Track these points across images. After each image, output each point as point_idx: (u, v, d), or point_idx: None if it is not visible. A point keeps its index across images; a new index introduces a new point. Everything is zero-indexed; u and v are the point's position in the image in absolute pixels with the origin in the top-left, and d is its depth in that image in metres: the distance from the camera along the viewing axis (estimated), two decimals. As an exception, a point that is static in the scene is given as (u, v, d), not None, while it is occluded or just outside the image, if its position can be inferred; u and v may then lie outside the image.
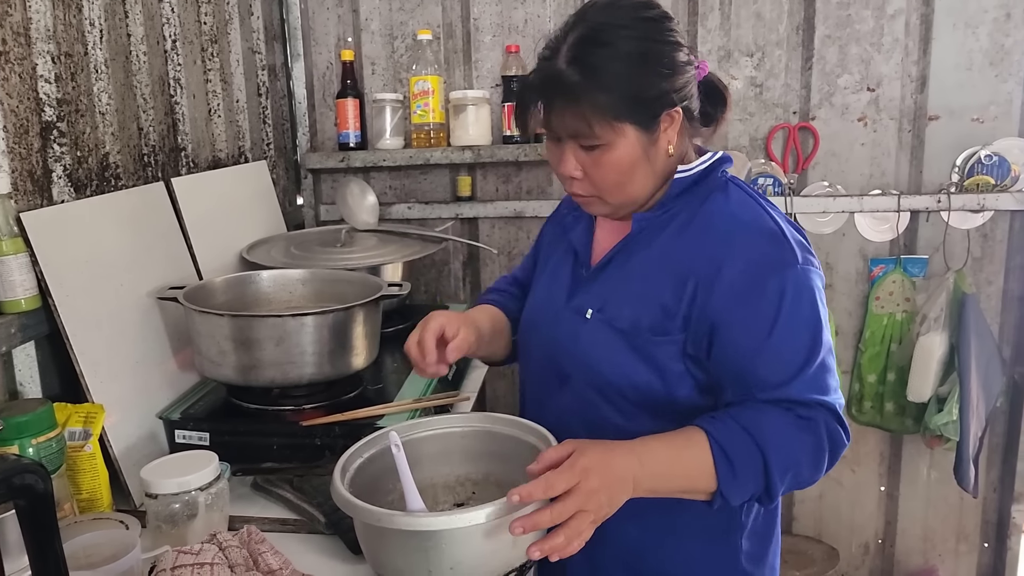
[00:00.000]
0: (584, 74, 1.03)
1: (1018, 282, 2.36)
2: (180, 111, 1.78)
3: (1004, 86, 2.25)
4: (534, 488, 0.90)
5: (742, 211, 1.11)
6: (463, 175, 2.45)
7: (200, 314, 1.39)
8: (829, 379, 1.06)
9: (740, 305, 1.04)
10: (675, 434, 1.03)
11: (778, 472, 1.00)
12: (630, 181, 1.10)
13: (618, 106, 1.04)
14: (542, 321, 1.25)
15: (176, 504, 1.11)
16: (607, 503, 0.95)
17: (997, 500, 2.51)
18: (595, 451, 0.96)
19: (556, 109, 1.06)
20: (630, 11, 1.07)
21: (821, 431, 1.03)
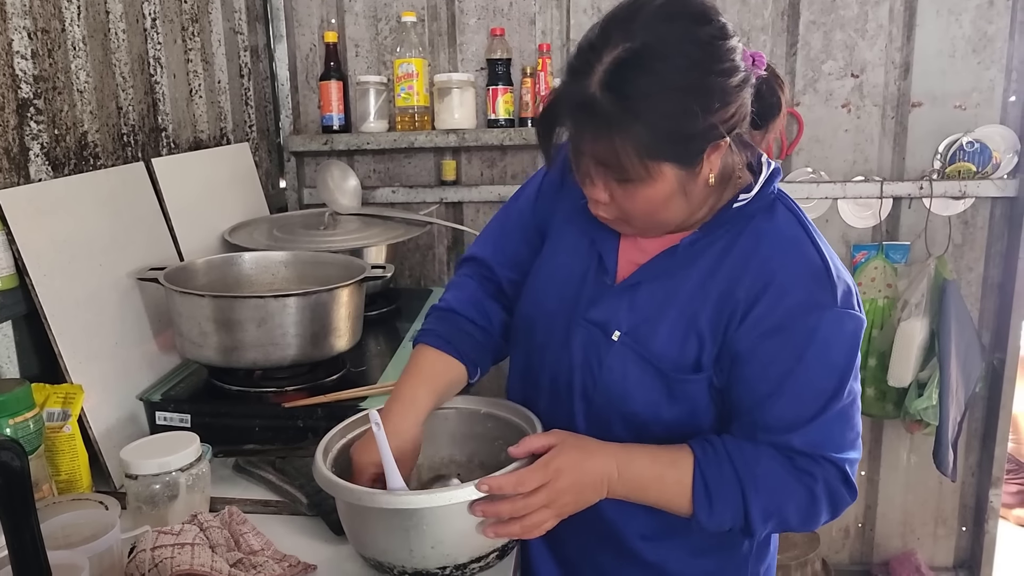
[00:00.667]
0: (621, 105, 0.90)
1: (998, 269, 2.38)
2: (160, 91, 1.75)
3: (986, 73, 2.27)
4: (504, 482, 0.91)
5: (788, 240, 1.02)
6: (448, 159, 2.44)
7: (181, 295, 1.37)
8: (845, 432, 0.99)
9: (765, 340, 0.98)
10: (664, 451, 1.01)
11: (758, 516, 0.97)
12: (663, 213, 1.01)
13: (657, 145, 0.92)
14: (553, 326, 1.14)
15: (157, 485, 1.10)
16: (573, 503, 0.95)
17: (975, 484, 2.54)
18: (572, 452, 0.95)
19: (586, 138, 0.96)
20: (684, 28, 0.91)
21: (818, 487, 0.98)
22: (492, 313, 1.26)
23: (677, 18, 0.92)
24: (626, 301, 1.08)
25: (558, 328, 1.14)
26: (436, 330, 1.20)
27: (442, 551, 0.95)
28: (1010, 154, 2.28)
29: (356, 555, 1.07)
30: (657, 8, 0.92)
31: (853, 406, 1.00)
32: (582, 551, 1.20)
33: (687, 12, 0.93)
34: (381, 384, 1.44)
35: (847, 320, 0.98)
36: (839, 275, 1.00)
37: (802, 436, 0.98)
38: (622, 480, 0.97)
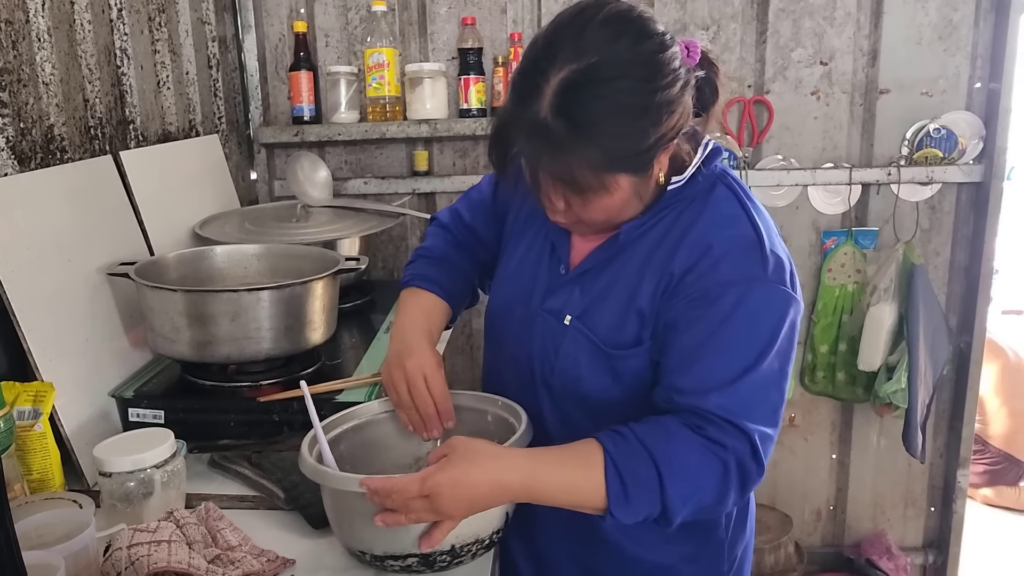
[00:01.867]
0: (573, 130, 0.93)
1: (964, 253, 2.42)
2: (127, 82, 1.73)
3: (952, 60, 2.30)
4: (380, 486, 0.91)
5: (724, 215, 1.05)
6: (420, 149, 2.43)
7: (153, 290, 1.36)
8: (759, 404, 0.99)
9: (692, 307, 1.01)
10: (572, 451, 0.99)
11: (677, 500, 0.95)
12: (619, 216, 1.06)
13: (611, 161, 0.96)
14: (516, 318, 1.20)
15: (131, 482, 1.09)
16: (464, 510, 0.94)
17: (943, 465, 2.59)
18: (457, 467, 0.93)
19: (541, 160, 0.98)
20: (628, 46, 0.93)
21: (730, 459, 0.96)
22: (467, 258, 1.33)
23: (621, 36, 0.94)
24: (577, 288, 1.13)
25: (519, 321, 1.18)
26: (425, 273, 1.27)
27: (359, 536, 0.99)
28: (975, 140, 2.32)
29: (335, 548, 1.07)
30: (600, 24, 0.94)
31: (773, 382, 1.00)
32: (558, 542, 1.21)
33: (630, 28, 0.95)
34: (357, 377, 1.44)
35: (775, 294, 1.00)
36: (773, 249, 1.02)
37: (716, 399, 0.96)
38: (526, 490, 0.95)
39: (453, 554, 0.99)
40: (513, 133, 0.99)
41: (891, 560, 2.52)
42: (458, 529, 0.96)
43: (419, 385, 1.12)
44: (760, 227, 1.03)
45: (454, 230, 1.36)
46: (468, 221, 1.35)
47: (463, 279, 1.32)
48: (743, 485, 0.98)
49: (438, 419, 1.14)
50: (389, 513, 0.93)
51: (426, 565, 0.99)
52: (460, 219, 1.36)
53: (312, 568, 1.05)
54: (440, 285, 1.26)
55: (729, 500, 0.98)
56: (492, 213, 1.33)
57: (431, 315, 1.23)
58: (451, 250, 1.33)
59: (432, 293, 1.25)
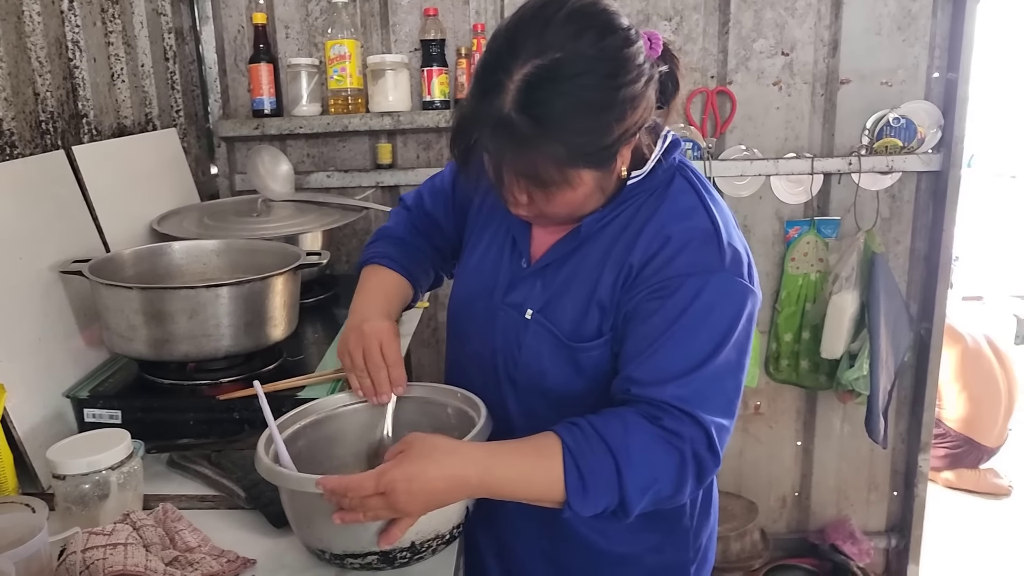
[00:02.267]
0: (537, 124, 0.92)
1: (924, 241, 2.46)
2: (80, 75, 1.69)
3: (911, 50, 2.33)
4: (336, 484, 0.90)
5: (682, 208, 1.06)
6: (383, 142, 2.40)
7: (107, 287, 1.33)
8: (715, 395, 0.99)
9: (650, 299, 1.01)
10: (529, 445, 0.98)
11: (635, 491, 0.94)
12: (582, 210, 1.06)
13: (575, 157, 0.96)
14: (479, 313, 1.19)
15: (86, 484, 1.07)
16: (420, 509, 0.93)
17: (905, 451, 2.63)
18: (414, 463, 0.92)
19: (504, 155, 0.97)
20: (591, 42, 0.93)
21: (686, 449, 0.96)
22: (427, 241, 1.35)
23: (585, 31, 0.93)
24: (539, 281, 1.13)
25: (482, 315, 1.18)
26: (386, 252, 1.29)
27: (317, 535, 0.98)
28: (934, 129, 2.35)
29: (296, 547, 1.06)
30: (564, 19, 0.93)
31: (729, 373, 1.00)
32: (524, 535, 1.21)
33: (594, 23, 0.94)
34: (320, 373, 1.42)
35: (733, 285, 1.01)
36: (730, 242, 1.02)
37: (673, 390, 0.97)
38: (483, 485, 0.95)
39: (413, 550, 0.98)
40: (475, 128, 0.97)
41: (855, 544, 2.56)
42: (417, 525, 0.95)
43: (373, 349, 1.13)
44: (717, 219, 1.04)
45: (415, 213, 1.36)
46: (428, 208, 1.35)
47: (423, 260, 1.33)
48: (700, 475, 0.98)
49: (388, 383, 1.14)
50: (346, 511, 0.92)
51: (386, 562, 0.98)
52: (422, 204, 1.36)
53: (273, 568, 1.04)
54: (400, 264, 1.28)
55: (686, 490, 0.99)
56: (452, 203, 1.33)
57: (390, 292, 1.25)
58: (411, 232, 1.34)
59: (392, 270, 1.27)
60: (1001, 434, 3.35)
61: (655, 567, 1.19)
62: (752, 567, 2.48)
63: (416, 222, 1.36)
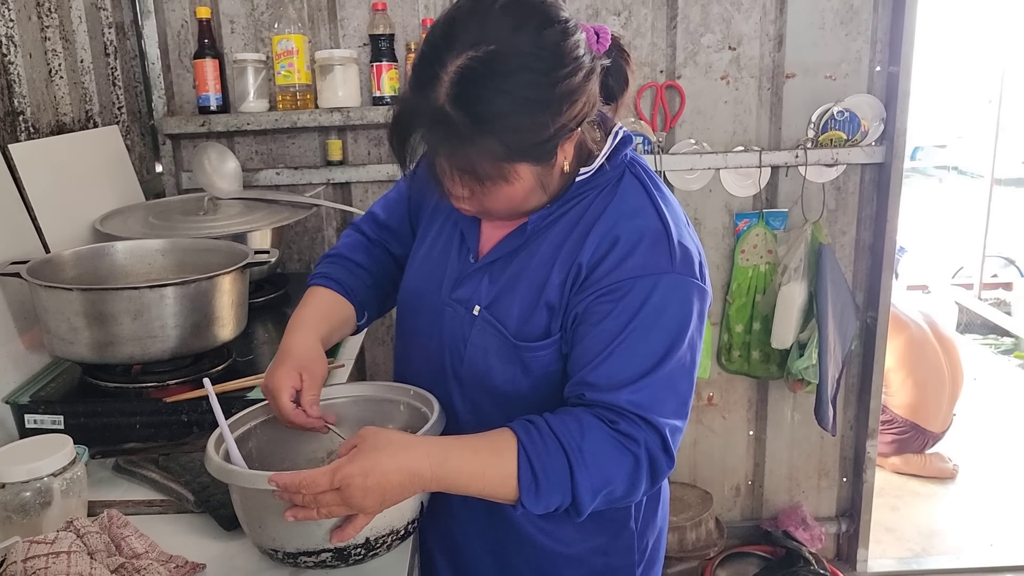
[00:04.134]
0: (473, 120, 0.91)
1: (869, 232, 2.51)
2: (15, 71, 1.64)
3: (853, 44, 2.37)
4: (289, 481, 0.89)
5: (631, 207, 1.05)
6: (333, 138, 2.38)
7: (46, 289, 1.29)
8: (669, 398, 0.99)
9: (601, 301, 1.00)
10: (484, 440, 0.98)
11: (587, 492, 0.95)
12: (523, 205, 1.04)
13: (512, 152, 0.94)
14: (426, 309, 1.18)
15: (27, 492, 1.04)
16: (376, 502, 0.92)
17: (853, 437, 2.69)
18: (368, 457, 0.90)
19: (440, 150, 0.96)
20: (528, 35, 0.91)
21: (641, 453, 0.96)
22: (381, 260, 1.32)
23: (522, 24, 0.91)
24: (486, 277, 1.11)
25: (429, 311, 1.17)
26: (327, 272, 1.25)
27: (269, 534, 0.96)
28: (877, 122, 2.40)
29: (247, 549, 1.05)
30: (501, 10, 0.92)
31: (682, 374, 1.00)
32: (473, 534, 1.21)
33: (532, 15, 0.92)
34: (269, 373, 1.40)
35: (684, 285, 1.01)
36: (681, 241, 1.02)
37: (627, 395, 0.97)
38: (436, 478, 0.94)
39: (368, 547, 0.97)
40: (412, 121, 0.96)
41: (807, 530, 2.62)
42: (372, 521, 0.94)
43: (283, 401, 1.06)
44: (667, 217, 1.04)
45: (367, 230, 1.34)
46: (383, 219, 1.33)
47: (369, 277, 1.29)
48: (654, 477, 0.99)
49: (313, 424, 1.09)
50: (300, 508, 0.90)
51: (340, 559, 0.97)
52: (375, 219, 1.34)
53: (224, 571, 1.02)
54: (339, 282, 1.24)
55: (640, 491, 0.99)
56: (407, 208, 1.31)
57: (326, 313, 1.21)
58: (359, 250, 1.31)
59: (331, 290, 1.23)
60: (946, 419, 3.44)
61: (600, 568, 1.19)
62: (708, 556, 2.52)
63: (369, 236, 1.33)
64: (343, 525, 0.93)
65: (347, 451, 0.94)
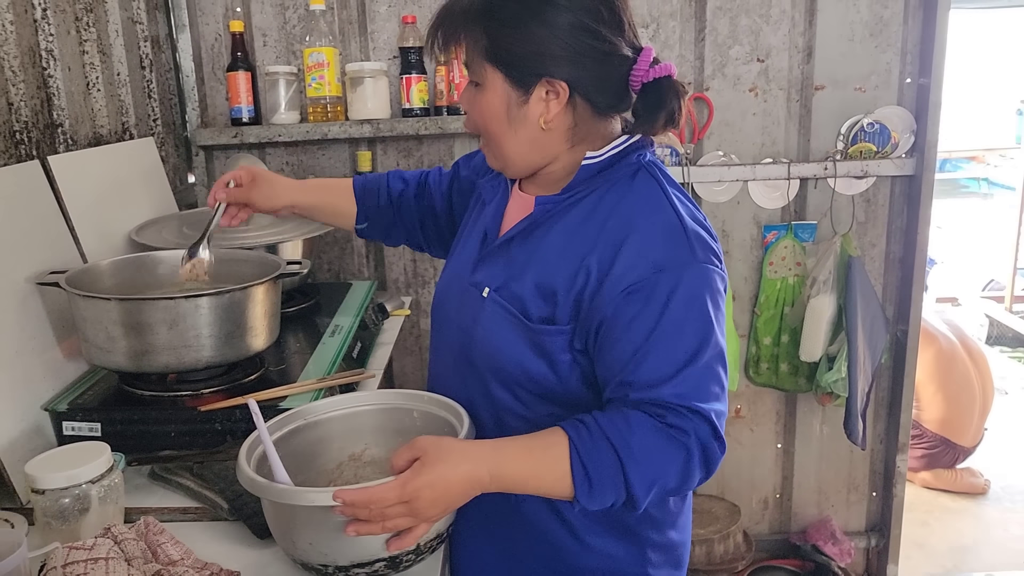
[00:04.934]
0: (472, 5, 1.05)
1: (899, 244, 2.49)
2: (54, 84, 1.67)
3: (883, 56, 2.36)
4: (357, 497, 0.90)
5: (644, 201, 1.07)
6: (362, 150, 2.40)
7: (85, 299, 1.31)
8: (711, 385, 1.01)
9: (627, 300, 1.01)
10: (537, 440, 1.00)
11: (640, 486, 0.97)
12: (497, 134, 1.11)
13: (492, 49, 1.05)
14: (450, 298, 1.23)
15: (66, 499, 1.05)
16: (439, 512, 0.95)
17: (883, 451, 2.66)
18: (434, 469, 0.93)
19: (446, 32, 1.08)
20: None
21: (692, 443, 0.98)
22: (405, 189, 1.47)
23: None
24: (501, 260, 1.15)
25: (452, 298, 1.22)
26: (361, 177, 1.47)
27: (320, 549, 0.96)
28: (907, 134, 2.38)
29: (282, 558, 1.05)
30: None
31: (717, 358, 1.02)
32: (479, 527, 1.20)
33: None
34: (302, 382, 1.41)
35: (706, 273, 1.02)
36: (695, 231, 1.05)
37: (671, 389, 0.98)
38: (495, 481, 0.97)
39: (418, 552, 0.99)
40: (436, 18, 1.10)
41: (836, 545, 2.59)
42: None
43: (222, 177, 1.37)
44: (680, 209, 1.06)
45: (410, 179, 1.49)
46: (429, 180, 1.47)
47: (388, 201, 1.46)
48: (708, 464, 1.00)
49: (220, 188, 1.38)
50: (362, 523, 0.91)
51: (392, 567, 0.98)
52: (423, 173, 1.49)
53: (258, 579, 1.03)
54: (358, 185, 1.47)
55: (695, 480, 1.01)
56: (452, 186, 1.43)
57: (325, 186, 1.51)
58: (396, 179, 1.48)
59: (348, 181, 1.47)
60: (977, 434, 3.39)
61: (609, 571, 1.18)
62: (736, 569, 2.50)
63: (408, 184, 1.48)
64: (403, 534, 0.94)
65: (404, 463, 0.95)
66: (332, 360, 1.55)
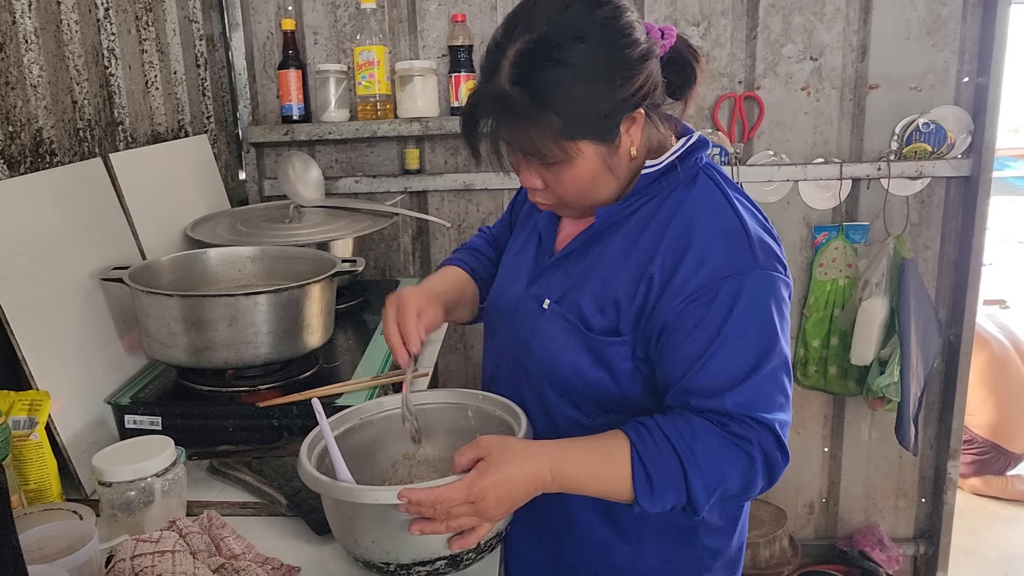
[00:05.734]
0: (531, 96, 0.95)
1: (953, 247, 2.44)
2: (116, 83, 1.70)
3: (940, 55, 2.31)
4: (423, 497, 0.90)
5: (705, 207, 1.05)
6: (411, 147, 2.41)
7: (148, 295, 1.34)
8: (774, 394, 0.99)
9: (689, 307, 1.00)
10: (598, 442, 1.00)
11: (701, 492, 0.96)
12: (594, 191, 1.06)
13: (572, 127, 0.98)
14: (505, 306, 1.22)
15: (132, 491, 1.07)
16: (503, 511, 0.96)
17: (934, 457, 2.61)
18: (499, 469, 0.93)
19: (502, 132, 1.01)
20: (578, 12, 0.96)
21: (755, 451, 0.97)
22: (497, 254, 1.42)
23: (572, 5, 0.97)
24: (558, 273, 1.15)
25: (507, 309, 1.22)
26: (461, 258, 1.38)
27: (383, 547, 0.96)
28: (964, 134, 2.33)
29: (340, 554, 1.06)
30: None
31: (781, 367, 1.00)
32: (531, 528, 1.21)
33: None
34: (356, 380, 1.43)
35: (769, 280, 1.00)
36: (759, 236, 1.02)
37: (733, 398, 0.97)
38: (556, 481, 0.97)
39: (478, 550, 0.99)
40: (479, 109, 1.01)
41: (883, 551, 2.55)
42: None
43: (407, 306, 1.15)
44: (743, 214, 1.04)
45: (487, 234, 1.47)
46: (495, 231, 1.46)
47: (493, 268, 1.40)
48: (770, 473, 1.00)
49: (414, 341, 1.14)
50: (427, 522, 0.92)
51: (452, 565, 0.98)
52: (490, 229, 1.48)
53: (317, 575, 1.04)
54: (469, 265, 1.36)
55: (757, 488, 1.00)
56: (509, 222, 1.41)
57: (450, 281, 1.30)
58: (484, 245, 1.44)
59: (460, 268, 1.35)
60: (1029, 440, 3.32)
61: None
62: (781, 574, 2.47)
63: (488, 240, 1.45)
64: (465, 533, 0.95)
65: (468, 462, 0.95)
66: (384, 358, 1.56)
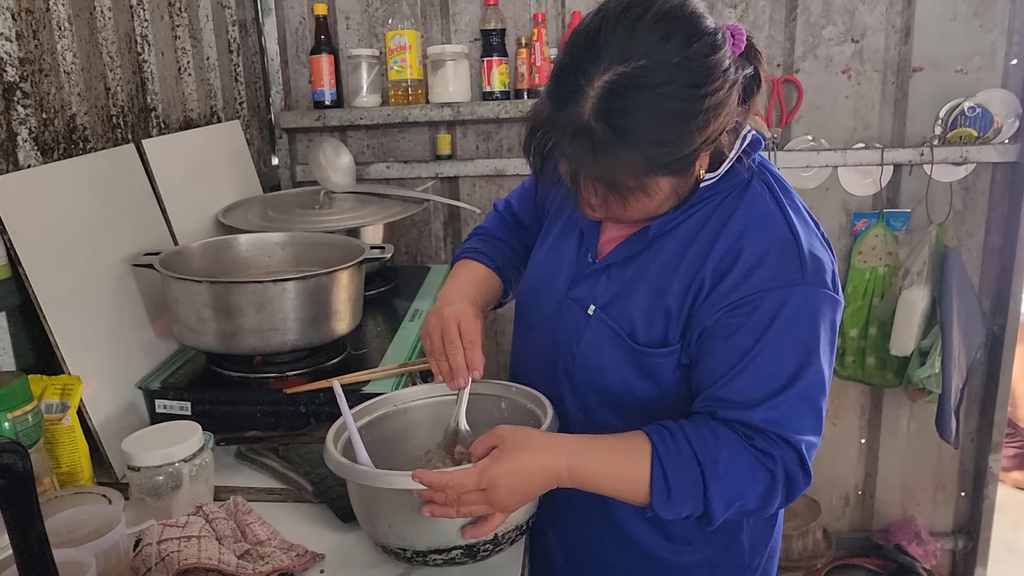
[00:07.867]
0: (616, 135, 0.89)
1: (998, 235, 2.37)
2: (148, 69, 1.71)
3: (988, 36, 2.23)
4: (435, 480, 0.89)
5: (758, 217, 1.01)
6: (442, 133, 2.40)
7: (178, 281, 1.34)
8: (805, 415, 0.96)
9: (730, 314, 0.97)
10: (620, 442, 0.98)
11: (719, 504, 0.94)
12: (655, 213, 1.03)
13: (654, 166, 0.93)
14: (544, 307, 1.18)
15: (160, 476, 1.08)
16: (517, 501, 0.94)
17: (974, 450, 2.55)
18: (512, 458, 0.92)
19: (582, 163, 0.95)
20: (676, 48, 0.88)
21: (777, 469, 0.95)
22: (518, 240, 1.38)
23: (671, 37, 0.89)
24: (603, 278, 1.11)
25: (546, 308, 1.18)
26: (478, 247, 1.32)
27: (398, 532, 0.97)
28: (1011, 119, 2.25)
29: (365, 542, 1.06)
30: (651, 23, 0.89)
31: (818, 387, 0.97)
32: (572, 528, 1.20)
33: (681, 28, 0.89)
34: (383, 367, 1.42)
35: (816, 297, 0.96)
36: (812, 251, 0.98)
37: (762, 413, 0.95)
38: (572, 476, 0.95)
39: (495, 542, 0.99)
40: (554, 134, 0.95)
41: (920, 545, 2.49)
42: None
43: (451, 331, 1.10)
44: (797, 227, 1.00)
45: (504, 214, 1.41)
46: (516, 209, 1.40)
47: (512, 256, 1.35)
48: (790, 493, 0.98)
49: (465, 366, 1.11)
50: (438, 505, 0.91)
51: (469, 556, 0.98)
52: (510, 206, 1.41)
53: (342, 563, 1.04)
54: (489, 257, 1.30)
55: (775, 505, 0.98)
56: (534, 200, 1.36)
57: (478, 283, 1.26)
58: (502, 229, 1.39)
59: (480, 263, 1.29)
60: (1074, 434, 3.23)
61: None
62: (815, 566, 2.44)
63: (507, 221, 1.40)
64: (478, 523, 0.94)
65: (484, 451, 0.94)
66: (413, 345, 1.56)
